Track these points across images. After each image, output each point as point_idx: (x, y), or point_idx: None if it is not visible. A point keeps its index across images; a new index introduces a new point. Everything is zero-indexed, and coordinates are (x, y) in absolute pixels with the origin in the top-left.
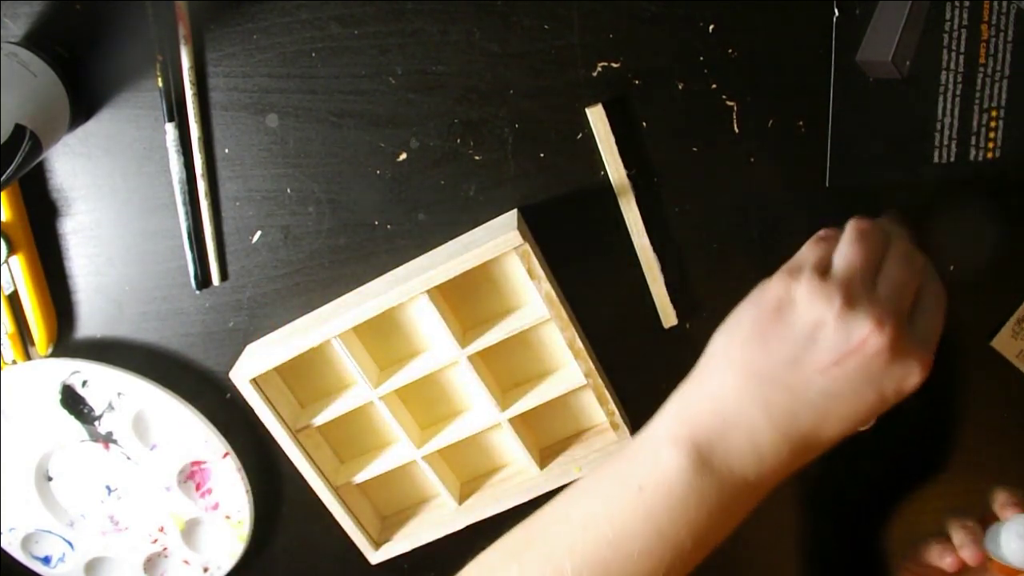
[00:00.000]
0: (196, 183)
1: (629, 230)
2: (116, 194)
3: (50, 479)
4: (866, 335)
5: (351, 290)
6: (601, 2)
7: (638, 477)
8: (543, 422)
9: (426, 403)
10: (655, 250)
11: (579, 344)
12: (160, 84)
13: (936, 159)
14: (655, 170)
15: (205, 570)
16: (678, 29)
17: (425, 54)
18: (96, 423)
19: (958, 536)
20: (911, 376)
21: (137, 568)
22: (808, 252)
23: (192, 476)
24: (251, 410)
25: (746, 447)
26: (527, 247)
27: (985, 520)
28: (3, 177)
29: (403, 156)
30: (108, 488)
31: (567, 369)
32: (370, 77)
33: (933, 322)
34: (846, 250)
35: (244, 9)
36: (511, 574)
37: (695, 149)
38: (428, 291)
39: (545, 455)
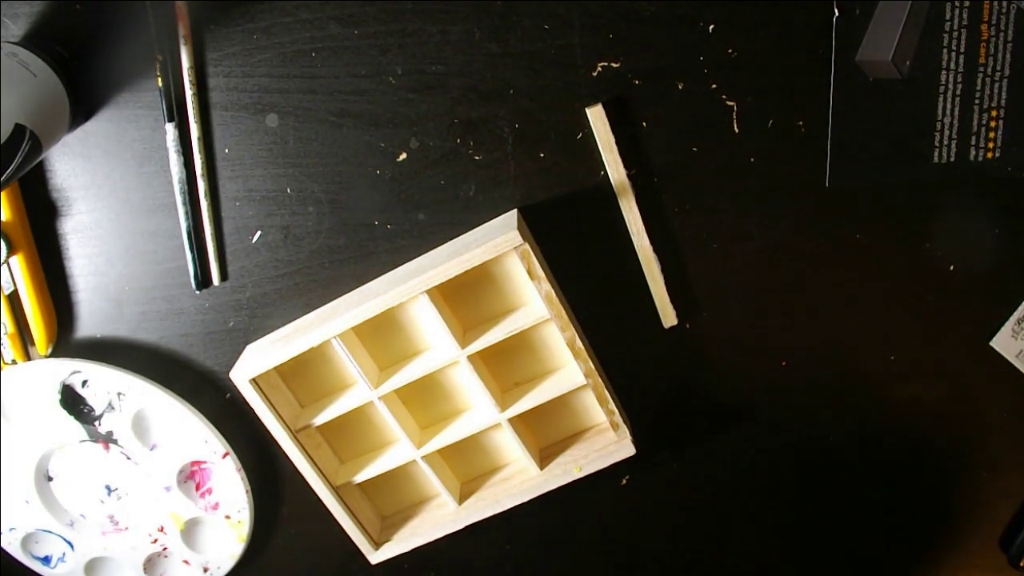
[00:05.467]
0: (196, 183)
1: (629, 230)
2: (116, 194)
3: (50, 479)
4: None
5: (351, 290)
6: (601, 2)
7: None
8: (543, 422)
9: (426, 403)
10: (655, 250)
11: (579, 344)
12: (160, 84)
13: (936, 159)
14: (655, 170)
15: (205, 570)
16: (678, 29)
17: (425, 54)
18: (96, 423)
19: None
20: None
21: (137, 568)
22: None
23: (192, 476)
24: (251, 410)
25: None
26: (527, 247)
27: None
28: (3, 177)
29: (403, 156)
30: (108, 488)
31: (567, 369)
32: (370, 77)
33: None
34: None
35: (244, 9)
36: None
37: (695, 149)
38: (428, 291)
39: (545, 455)
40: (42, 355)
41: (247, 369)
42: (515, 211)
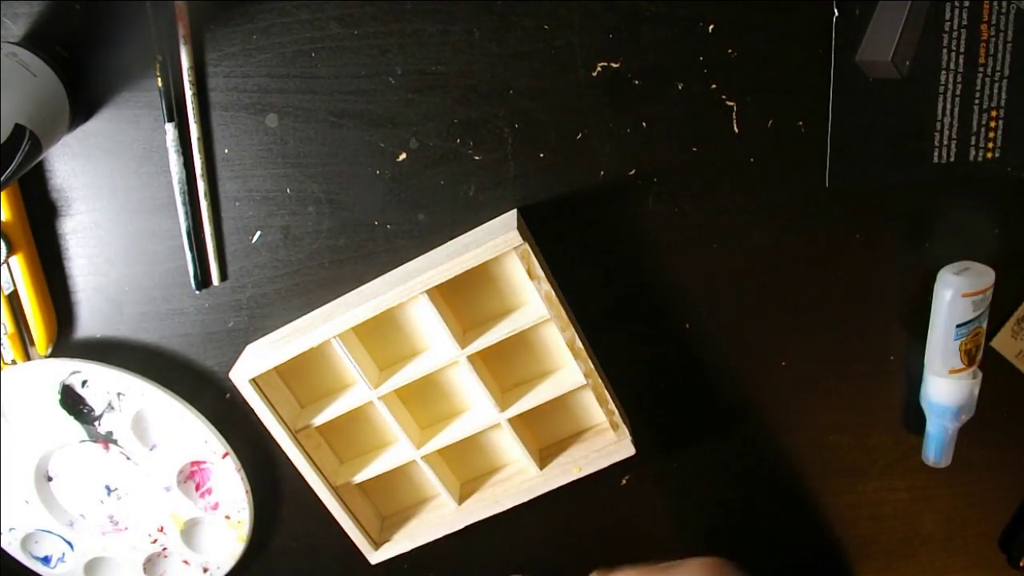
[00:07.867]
0: (196, 183)
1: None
2: (116, 194)
3: (50, 479)
4: None
5: (351, 290)
6: (601, 2)
7: None
8: (543, 422)
9: (426, 403)
10: (655, 249)
11: (579, 344)
12: (160, 84)
13: (936, 159)
14: (655, 170)
15: (205, 570)
16: (678, 29)
17: (425, 54)
18: (96, 423)
19: None
20: None
21: (137, 568)
22: None
23: (192, 476)
24: (251, 410)
25: None
26: (527, 247)
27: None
28: (3, 177)
29: (403, 156)
30: (108, 488)
31: (567, 369)
32: (370, 77)
33: None
34: None
35: (244, 9)
36: None
37: (695, 149)
38: (428, 291)
39: (545, 455)
40: (42, 355)
41: (247, 369)
42: (515, 211)
